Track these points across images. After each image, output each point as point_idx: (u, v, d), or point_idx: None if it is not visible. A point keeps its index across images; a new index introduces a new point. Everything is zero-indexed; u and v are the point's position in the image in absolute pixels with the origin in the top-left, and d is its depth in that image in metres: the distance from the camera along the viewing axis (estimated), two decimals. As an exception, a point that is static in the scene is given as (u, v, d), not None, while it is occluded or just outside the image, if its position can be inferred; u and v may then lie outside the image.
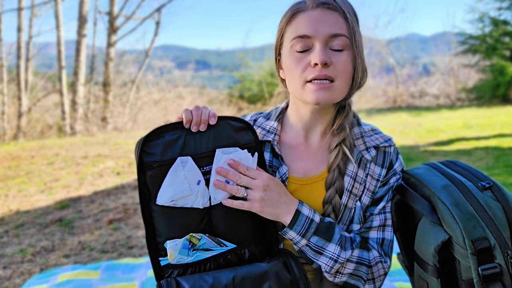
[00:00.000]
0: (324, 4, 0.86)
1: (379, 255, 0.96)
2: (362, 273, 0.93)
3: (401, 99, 14.09)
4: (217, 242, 0.89)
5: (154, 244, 0.88)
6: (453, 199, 0.87)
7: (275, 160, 0.99)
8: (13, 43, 11.06)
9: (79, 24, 10.68)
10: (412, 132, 7.83)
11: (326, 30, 0.85)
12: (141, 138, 0.87)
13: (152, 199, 0.86)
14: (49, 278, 2.11)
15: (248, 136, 0.93)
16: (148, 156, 0.86)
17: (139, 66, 12.64)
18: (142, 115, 11.70)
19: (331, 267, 0.90)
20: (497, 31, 13.41)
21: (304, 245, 0.89)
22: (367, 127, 1.01)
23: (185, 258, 0.87)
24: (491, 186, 0.89)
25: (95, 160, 6.21)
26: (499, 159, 5.08)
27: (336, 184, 0.95)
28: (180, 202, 0.86)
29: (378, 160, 0.98)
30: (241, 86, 13.14)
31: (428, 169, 1.01)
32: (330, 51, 0.87)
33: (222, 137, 0.90)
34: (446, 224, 0.86)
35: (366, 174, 0.97)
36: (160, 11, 12.42)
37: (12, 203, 4.15)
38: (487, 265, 0.80)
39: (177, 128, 0.88)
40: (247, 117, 1.08)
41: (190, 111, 0.88)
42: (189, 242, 0.87)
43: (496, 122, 8.48)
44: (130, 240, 3.01)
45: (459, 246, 0.83)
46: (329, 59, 0.86)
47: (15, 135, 9.79)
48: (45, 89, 11.95)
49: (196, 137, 0.88)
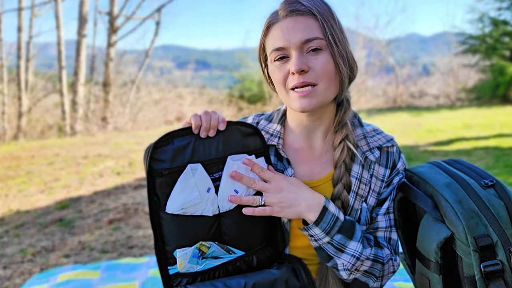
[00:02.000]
0: (293, 12, 0.86)
1: (390, 253, 0.97)
2: (376, 270, 0.94)
3: (401, 99, 14.10)
4: (226, 249, 0.89)
5: (163, 252, 0.87)
6: (456, 197, 0.87)
7: (279, 164, 0.99)
8: (13, 43, 11.08)
9: (79, 24, 10.69)
10: (412, 132, 7.84)
11: (298, 38, 0.85)
12: (150, 144, 0.85)
13: (161, 207, 0.85)
14: (49, 278, 2.11)
15: (257, 141, 0.93)
16: (158, 163, 0.84)
17: (139, 66, 12.66)
18: (142, 115, 11.70)
19: (352, 264, 0.89)
20: (497, 31, 13.42)
21: (326, 242, 0.88)
22: (369, 128, 1.01)
23: (195, 267, 0.86)
24: (494, 184, 0.89)
25: (95, 160, 6.21)
26: (499, 159, 5.09)
27: (344, 180, 0.95)
28: (190, 210, 0.85)
29: (382, 161, 0.98)
30: (241, 86, 13.15)
31: (431, 167, 1.01)
32: (308, 55, 0.86)
33: (231, 143, 0.90)
34: (449, 221, 0.86)
35: (370, 175, 0.97)
36: (160, 11, 12.44)
37: (12, 203, 4.15)
38: (489, 262, 0.80)
39: (186, 134, 0.87)
40: (249, 119, 1.07)
41: (199, 116, 0.87)
42: (199, 251, 0.86)
43: (496, 122, 8.48)
44: (130, 240, 3.02)
45: (461, 243, 0.83)
46: (306, 65, 0.85)
47: (15, 135, 9.80)
48: (45, 89, 11.96)
49: (205, 143, 0.88)
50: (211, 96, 13.63)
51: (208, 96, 13.60)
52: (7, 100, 10.21)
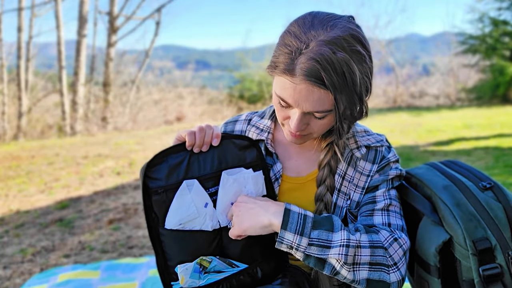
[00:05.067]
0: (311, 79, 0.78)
1: (390, 233, 0.86)
2: (380, 257, 0.82)
3: (401, 99, 14.08)
4: (228, 263, 0.89)
5: (166, 268, 0.86)
6: (454, 199, 0.87)
7: (268, 158, 0.99)
8: (13, 43, 11.07)
9: (79, 24, 10.68)
10: (412, 132, 7.83)
11: (307, 107, 0.81)
12: (145, 163, 0.85)
13: (160, 223, 0.85)
14: (49, 278, 2.11)
15: (253, 153, 0.93)
16: (153, 181, 0.84)
17: (139, 66, 12.65)
18: (142, 115, 11.69)
19: (346, 255, 0.79)
20: (497, 31, 13.40)
21: (306, 245, 0.80)
22: (359, 128, 1.01)
23: (197, 282, 0.86)
24: (492, 186, 0.89)
25: (95, 160, 6.21)
26: (499, 159, 5.08)
27: (327, 182, 0.94)
28: (188, 225, 0.85)
29: (369, 157, 0.97)
30: (241, 86, 13.14)
31: (429, 169, 1.01)
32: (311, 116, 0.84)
33: (227, 157, 0.90)
34: (447, 224, 0.86)
35: (355, 171, 0.96)
36: (160, 11, 12.43)
37: (12, 203, 4.15)
38: (488, 266, 0.80)
39: (180, 150, 0.87)
40: (242, 116, 1.08)
41: (194, 134, 0.87)
42: (200, 265, 0.86)
43: (496, 122, 8.47)
44: (130, 240, 3.02)
45: (460, 246, 0.83)
46: (305, 124, 0.85)
47: (15, 135, 9.79)
48: (45, 89, 11.96)
49: (200, 158, 0.88)
50: (211, 96, 13.62)
51: (208, 96, 13.59)
52: (7, 100, 10.21)
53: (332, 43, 0.77)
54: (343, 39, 0.78)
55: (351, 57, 0.78)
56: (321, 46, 0.77)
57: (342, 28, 0.80)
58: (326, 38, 0.78)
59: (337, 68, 0.76)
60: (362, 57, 0.81)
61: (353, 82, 0.79)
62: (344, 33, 0.79)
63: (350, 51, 0.78)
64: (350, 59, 0.77)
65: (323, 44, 0.77)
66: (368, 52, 0.83)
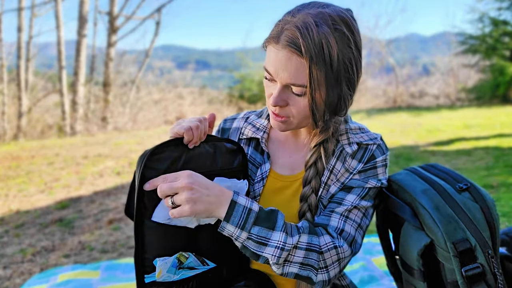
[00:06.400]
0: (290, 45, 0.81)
1: (331, 240, 0.87)
2: (313, 261, 0.85)
3: (401, 99, 14.09)
4: (201, 261, 0.90)
5: (141, 260, 0.87)
6: (433, 203, 0.88)
7: (259, 157, 1.01)
8: (13, 43, 11.07)
9: (79, 24, 10.68)
10: (412, 132, 7.84)
11: (285, 77, 0.83)
12: (144, 152, 0.85)
13: (147, 215, 0.85)
14: (49, 278, 2.11)
15: (239, 159, 0.95)
16: (151, 171, 0.84)
17: (139, 66, 12.66)
18: (142, 115, 11.70)
19: (278, 257, 0.82)
20: (497, 31, 13.41)
21: (245, 238, 0.81)
22: (354, 125, 1.01)
23: (172, 276, 0.87)
24: (468, 187, 0.90)
25: (95, 160, 6.21)
26: (499, 159, 5.08)
27: (312, 183, 0.94)
28: (175, 221, 0.86)
29: (357, 155, 0.97)
30: (241, 86, 13.16)
31: (408, 174, 1.02)
32: (290, 93, 0.86)
33: (218, 159, 0.92)
34: (427, 228, 0.87)
35: (342, 167, 0.96)
36: (160, 11, 12.44)
37: (12, 203, 4.15)
38: (470, 266, 0.81)
39: (179, 144, 0.88)
40: (241, 114, 1.11)
41: (191, 130, 0.87)
42: (178, 261, 0.87)
43: (496, 122, 8.48)
44: (130, 240, 3.02)
45: (441, 249, 0.84)
46: (284, 101, 0.87)
47: (15, 135, 9.80)
48: (45, 89, 11.95)
49: (196, 155, 0.89)
50: (211, 96, 13.63)
51: (208, 96, 13.60)
52: (7, 100, 10.21)
53: (318, 17, 0.82)
54: (330, 17, 0.82)
55: (333, 33, 0.81)
56: (307, 17, 0.81)
57: (333, 10, 0.84)
58: (313, 12, 0.83)
59: (315, 38, 0.79)
60: (346, 39, 0.83)
61: (330, 58, 0.81)
62: (333, 13, 0.83)
63: (333, 29, 0.81)
64: (331, 34, 0.80)
65: (309, 16, 0.82)
66: (354, 39, 0.85)
